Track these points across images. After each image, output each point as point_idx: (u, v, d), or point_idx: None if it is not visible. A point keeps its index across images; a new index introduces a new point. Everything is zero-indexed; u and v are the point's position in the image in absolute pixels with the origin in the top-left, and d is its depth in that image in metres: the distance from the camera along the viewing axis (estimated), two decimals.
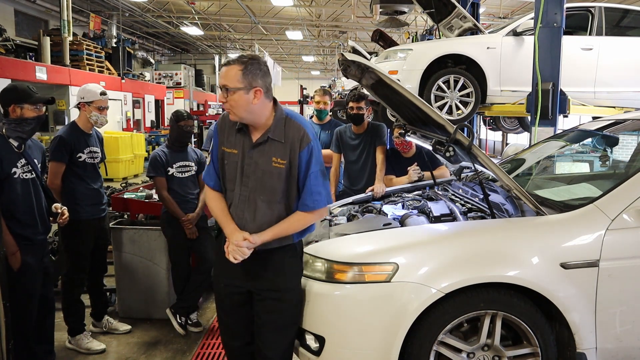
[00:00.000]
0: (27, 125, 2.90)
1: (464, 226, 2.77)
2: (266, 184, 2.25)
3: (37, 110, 2.95)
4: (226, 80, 2.16)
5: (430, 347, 2.39)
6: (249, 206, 2.27)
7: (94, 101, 3.58)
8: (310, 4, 16.90)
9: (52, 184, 3.45)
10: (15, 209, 2.86)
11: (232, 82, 2.15)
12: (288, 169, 2.24)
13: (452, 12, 6.55)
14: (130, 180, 10.91)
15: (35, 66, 11.20)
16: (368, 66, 2.92)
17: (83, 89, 3.63)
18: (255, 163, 2.24)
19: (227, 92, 2.16)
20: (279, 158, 2.23)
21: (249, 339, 2.43)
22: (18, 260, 2.83)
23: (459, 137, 2.76)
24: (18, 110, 2.89)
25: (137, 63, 21.49)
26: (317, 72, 35.97)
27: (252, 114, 2.20)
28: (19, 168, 2.89)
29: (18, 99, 2.89)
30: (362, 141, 4.27)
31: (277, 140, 2.23)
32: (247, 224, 2.27)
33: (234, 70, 2.15)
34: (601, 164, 4.62)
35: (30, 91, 2.94)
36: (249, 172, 2.25)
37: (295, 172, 2.26)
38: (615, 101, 5.91)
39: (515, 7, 15.65)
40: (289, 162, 2.24)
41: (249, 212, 2.27)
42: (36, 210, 2.97)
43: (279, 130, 2.24)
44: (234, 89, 2.15)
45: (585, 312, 2.41)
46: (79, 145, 3.57)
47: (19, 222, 2.87)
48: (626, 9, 6.27)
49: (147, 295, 4.06)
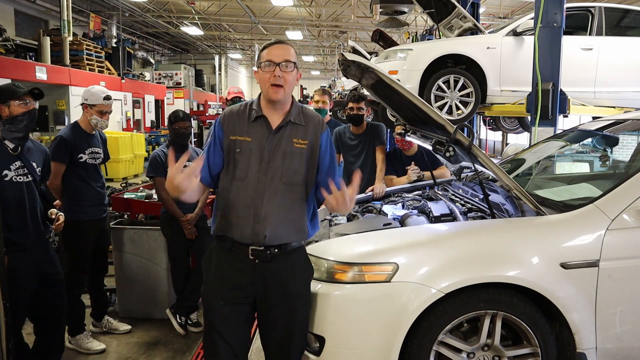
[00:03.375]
0: (18, 122, 2.81)
1: (464, 226, 2.77)
2: (288, 166, 2.22)
3: (26, 106, 2.85)
4: (289, 56, 2.19)
5: (430, 347, 2.39)
6: (269, 189, 2.19)
7: (97, 105, 3.57)
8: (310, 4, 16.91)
9: (52, 184, 3.43)
10: (4, 212, 2.70)
11: (294, 58, 2.20)
12: (310, 151, 2.25)
13: (452, 12, 6.55)
14: (130, 180, 10.90)
15: (35, 66, 11.20)
16: (368, 66, 2.92)
17: (88, 90, 3.61)
18: (277, 146, 2.21)
19: (286, 68, 2.17)
20: (300, 139, 2.24)
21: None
22: (4, 266, 2.64)
23: (459, 137, 2.76)
24: (6, 110, 2.82)
25: (137, 63, 21.48)
26: (317, 72, 35.97)
27: (291, 93, 2.25)
28: (12, 171, 2.81)
29: (3, 99, 2.82)
30: (362, 141, 4.27)
31: (298, 124, 2.25)
32: (264, 209, 2.17)
33: (292, 49, 2.23)
34: (601, 164, 4.62)
35: (14, 88, 2.86)
36: (270, 158, 2.20)
37: (317, 155, 2.27)
38: (615, 101, 5.91)
39: (515, 7, 15.65)
40: (311, 144, 2.25)
41: (269, 195, 2.19)
42: (28, 214, 2.86)
43: (298, 114, 2.27)
44: (294, 64, 2.19)
45: (585, 312, 2.41)
46: (81, 146, 3.55)
47: (7, 226, 2.73)
48: (626, 9, 6.27)
49: (147, 295, 4.06)
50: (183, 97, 21.00)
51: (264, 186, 2.20)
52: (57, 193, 3.52)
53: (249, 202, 2.19)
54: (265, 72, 2.17)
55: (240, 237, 2.20)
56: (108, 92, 3.70)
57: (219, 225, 2.26)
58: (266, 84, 2.18)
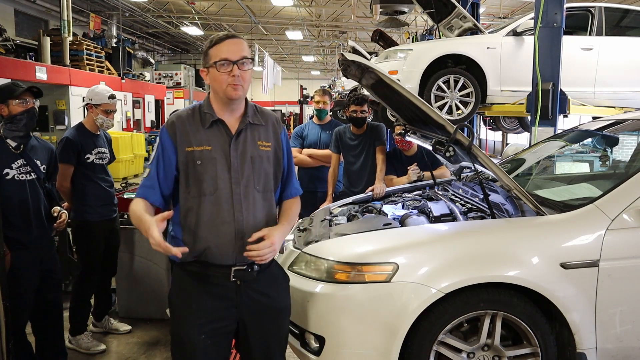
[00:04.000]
0: (18, 121, 2.83)
1: (464, 226, 2.77)
2: (259, 171, 2.02)
3: (25, 105, 2.87)
4: (245, 52, 1.96)
5: (430, 347, 2.39)
6: (245, 201, 1.98)
7: (102, 104, 3.57)
8: (310, 4, 16.90)
9: (61, 186, 3.44)
10: (6, 210, 2.76)
11: (249, 53, 1.98)
12: (274, 152, 2.08)
13: (452, 12, 6.55)
14: (130, 180, 10.90)
15: (35, 66, 11.19)
16: (368, 66, 2.92)
17: (92, 90, 3.61)
18: (243, 152, 2.00)
19: (243, 66, 1.95)
20: (263, 141, 2.05)
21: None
22: (7, 263, 2.72)
23: (459, 137, 2.76)
24: (5, 109, 2.84)
25: (137, 63, 21.47)
26: (317, 72, 35.95)
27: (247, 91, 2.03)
28: (14, 169, 2.83)
29: (2, 98, 2.84)
30: (362, 142, 4.27)
31: (258, 124, 2.06)
32: (245, 223, 1.98)
33: (245, 43, 2.00)
34: (601, 164, 4.62)
35: (12, 87, 2.88)
36: (239, 165, 1.99)
37: (281, 155, 2.11)
38: (615, 101, 5.90)
39: (515, 7, 15.64)
40: (274, 144, 2.09)
41: (246, 206, 1.99)
42: (32, 212, 2.88)
43: (255, 114, 2.07)
44: (250, 60, 1.98)
45: (585, 312, 2.41)
46: (87, 147, 3.56)
47: (10, 224, 2.78)
48: (626, 9, 6.26)
49: (147, 295, 4.06)
50: (183, 97, 21.01)
51: (239, 197, 1.98)
52: (66, 195, 3.52)
53: (226, 218, 1.97)
54: (222, 73, 1.93)
55: (222, 259, 1.97)
56: (112, 91, 3.71)
57: (192, 251, 1.96)
58: (223, 85, 1.94)
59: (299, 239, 2.93)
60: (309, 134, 4.71)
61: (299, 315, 2.50)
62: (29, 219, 2.88)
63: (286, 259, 2.75)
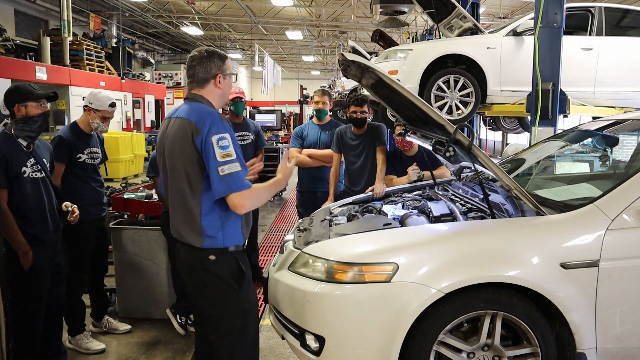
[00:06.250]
0: (33, 123, 2.94)
1: (464, 226, 2.77)
2: None
3: (42, 107, 2.97)
4: None
5: (430, 347, 2.39)
6: None
7: (101, 110, 3.62)
8: (310, 4, 16.90)
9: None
10: (25, 208, 2.89)
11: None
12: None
13: (452, 12, 6.55)
14: (130, 180, 10.89)
15: (35, 66, 11.19)
16: (368, 66, 2.92)
17: (94, 95, 3.65)
18: None
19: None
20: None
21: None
22: (29, 260, 2.85)
23: (459, 137, 2.76)
24: (23, 109, 2.92)
25: (137, 63, 21.46)
26: (317, 72, 35.95)
27: None
28: (28, 167, 2.93)
29: (21, 98, 2.92)
30: (362, 142, 4.27)
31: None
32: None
33: None
34: (601, 164, 4.62)
35: (32, 89, 2.97)
36: None
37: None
38: (615, 101, 5.90)
39: (515, 7, 15.64)
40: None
41: None
42: (47, 208, 2.99)
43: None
44: None
45: (586, 312, 2.41)
46: (79, 146, 3.58)
47: (29, 221, 2.90)
48: (626, 9, 6.26)
49: (147, 295, 4.06)
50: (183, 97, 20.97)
51: None
52: None
53: None
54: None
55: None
56: (114, 99, 3.76)
57: (244, 233, 2.38)
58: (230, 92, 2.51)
59: (299, 239, 2.93)
60: (309, 134, 4.71)
61: (299, 315, 2.50)
62: (45, 215, 2.98)
63: (286, 259, 2.75)
